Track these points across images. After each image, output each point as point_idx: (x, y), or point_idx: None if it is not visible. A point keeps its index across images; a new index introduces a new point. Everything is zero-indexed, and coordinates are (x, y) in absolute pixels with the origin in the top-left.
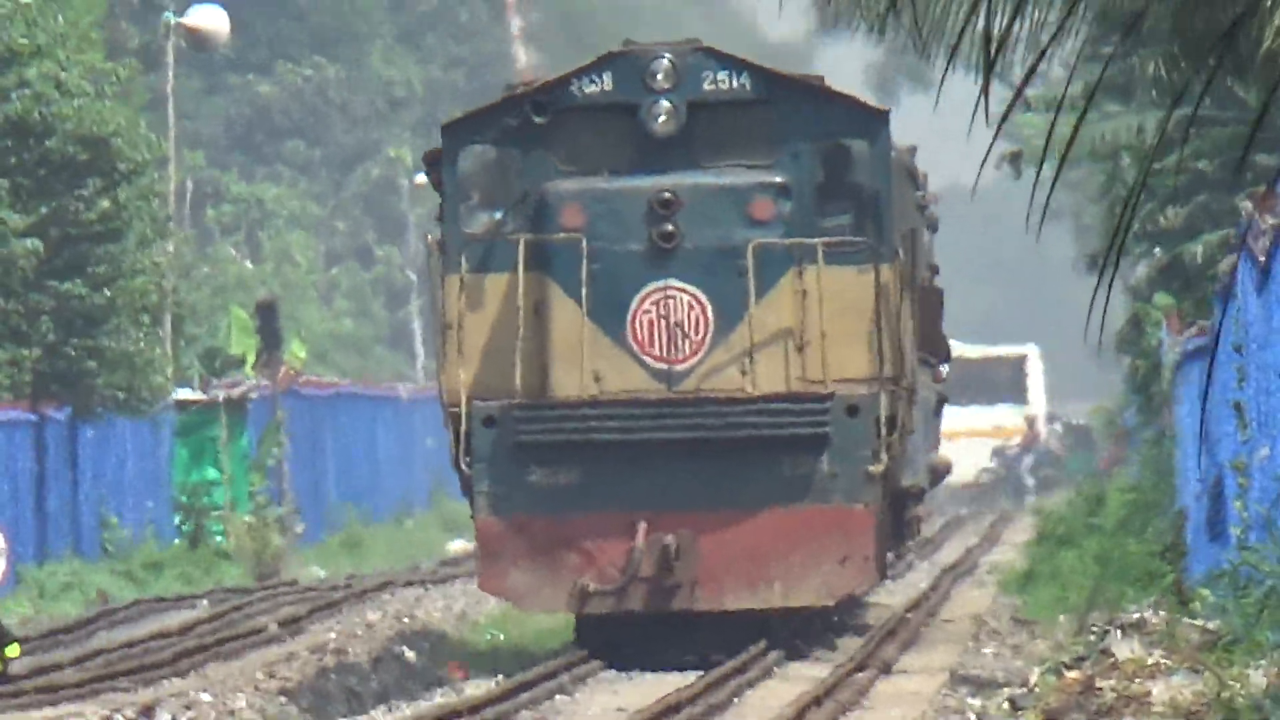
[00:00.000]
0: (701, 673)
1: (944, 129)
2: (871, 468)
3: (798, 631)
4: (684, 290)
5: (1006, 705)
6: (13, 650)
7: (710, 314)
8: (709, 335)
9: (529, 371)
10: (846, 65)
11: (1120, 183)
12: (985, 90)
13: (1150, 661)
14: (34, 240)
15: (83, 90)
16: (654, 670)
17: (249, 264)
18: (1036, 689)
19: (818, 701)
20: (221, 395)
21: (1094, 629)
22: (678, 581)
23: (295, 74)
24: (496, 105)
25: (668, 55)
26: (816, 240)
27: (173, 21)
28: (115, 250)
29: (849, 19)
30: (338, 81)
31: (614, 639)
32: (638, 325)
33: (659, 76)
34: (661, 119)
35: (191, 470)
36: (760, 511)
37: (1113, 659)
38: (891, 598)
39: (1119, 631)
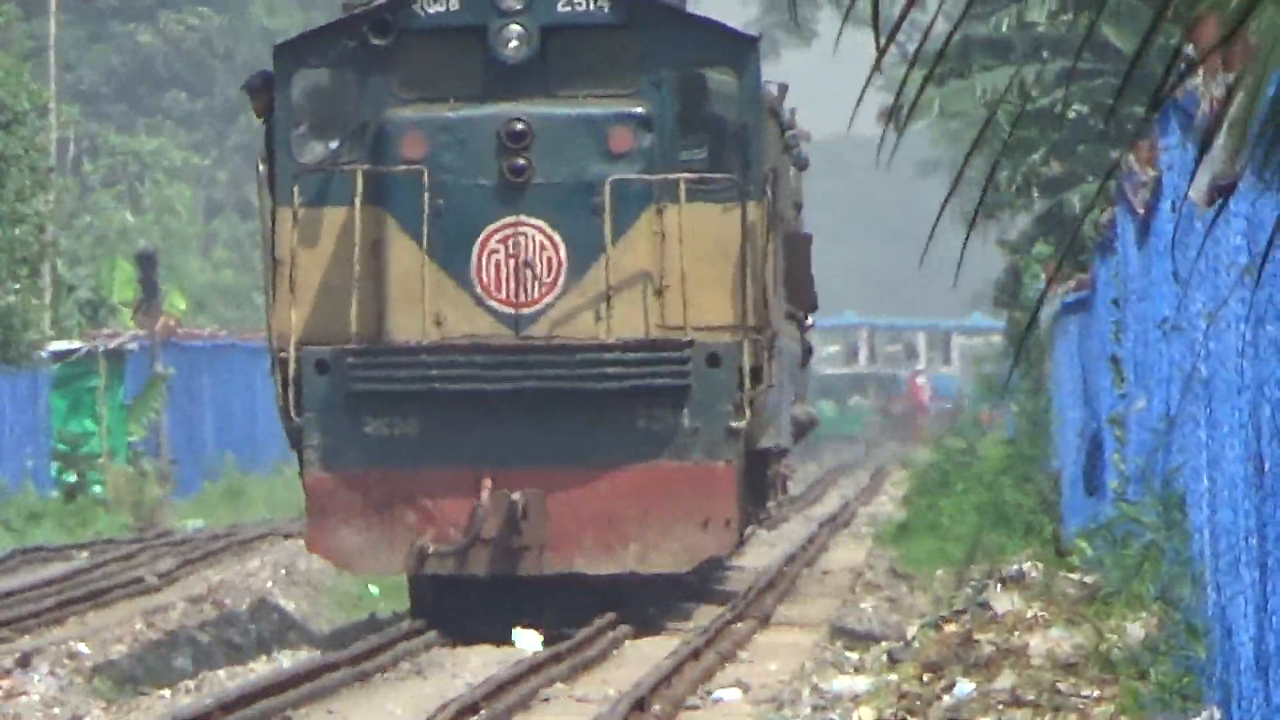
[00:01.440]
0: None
1: (828, 84)
2: (734, 423)
3: (652, 599)
4: (534, 227)
5: (885, 658)
6: None
7: (563, 254)
8: (561, 277)
9: (365, 314)
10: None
11: (997, 137)
12: (880, 43)
13: (1029, 615)
14: None
15: None
16: (495, 640)
17: (129, 215)
18: (915, 642)
19: (695, 655)
20: (101, 346)
21: (972, 582)
22: (525, 543)
23: (179, 23)
24: (333, 25)
25: None
26: (679, 176)
27: None
28: None
29: None
30: (221, 31)
31: (453, 605)
32: (484, 265)
33: None
34: (513, 43)
35: (70, 420)
36: (615, 469)
37: (991, 612)
38: (773, 550)
39: (998, 585)
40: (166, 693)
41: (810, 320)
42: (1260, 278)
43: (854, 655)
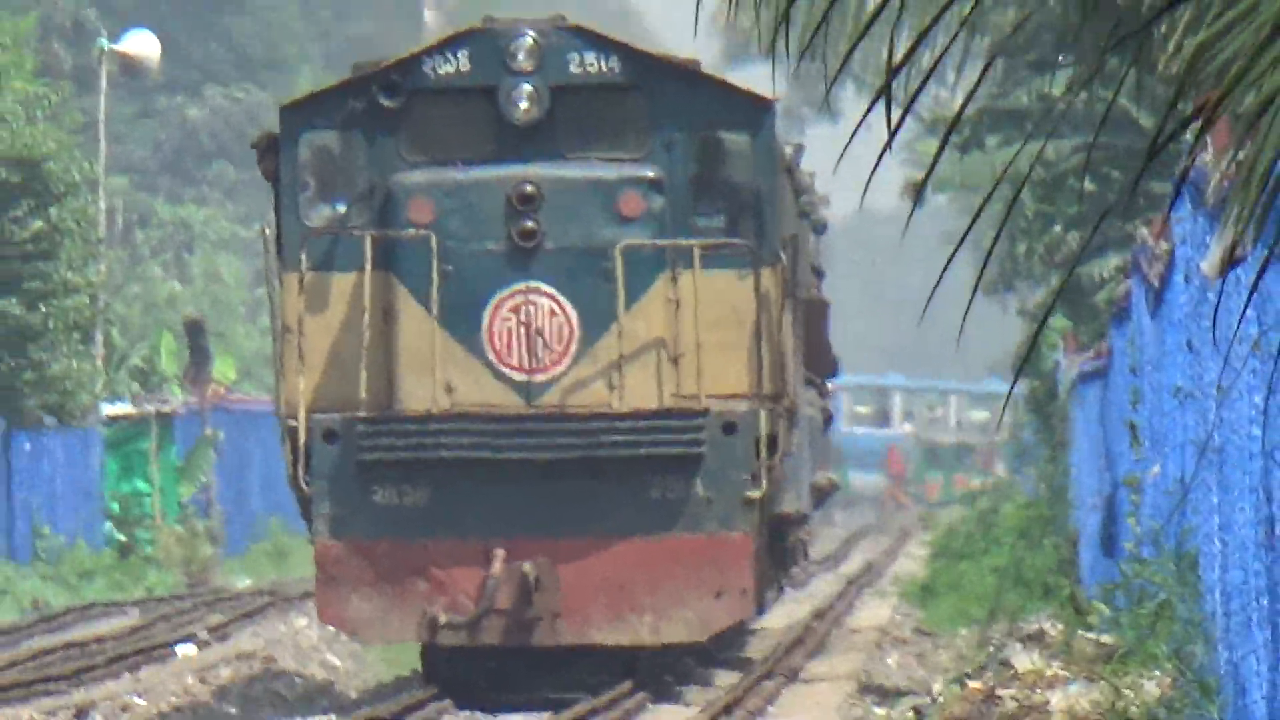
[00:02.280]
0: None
1: (853, 159)
2: (749, 492)
3: (669, 668)
4: (546, 294)
5: (911, 714)
6: None
7: (575, 321)
8: (573, 344)
9: (375, 382)
10: None
11: (1022, 215)
12: (891, 119)
13: (1049, 672)
14: None
15: (15, 114)
16: (510, 710)
17: (177, 284)
18: (940, 698)
19: (728, 709)
20: (152, 410)
21: (994, 640)
22: (538, 614)
23: (225, 96)
24: (341, 86)
25: (530, 33)
26: (692, 242)
27: (106, 48)
28: (48, 269)
29: (754, 48)
30: (265, 104)
31: (466, 674)
32: (494, 332)
33: (520, 56)
34: (522, 104)
35: (122, 481)
36: (628, 539)
37: (1013, 670)
38: (800, 607)
39: (1019, 643)
40: None
41: (830, 386)
42: (1273, 347)
43: (881, 711)
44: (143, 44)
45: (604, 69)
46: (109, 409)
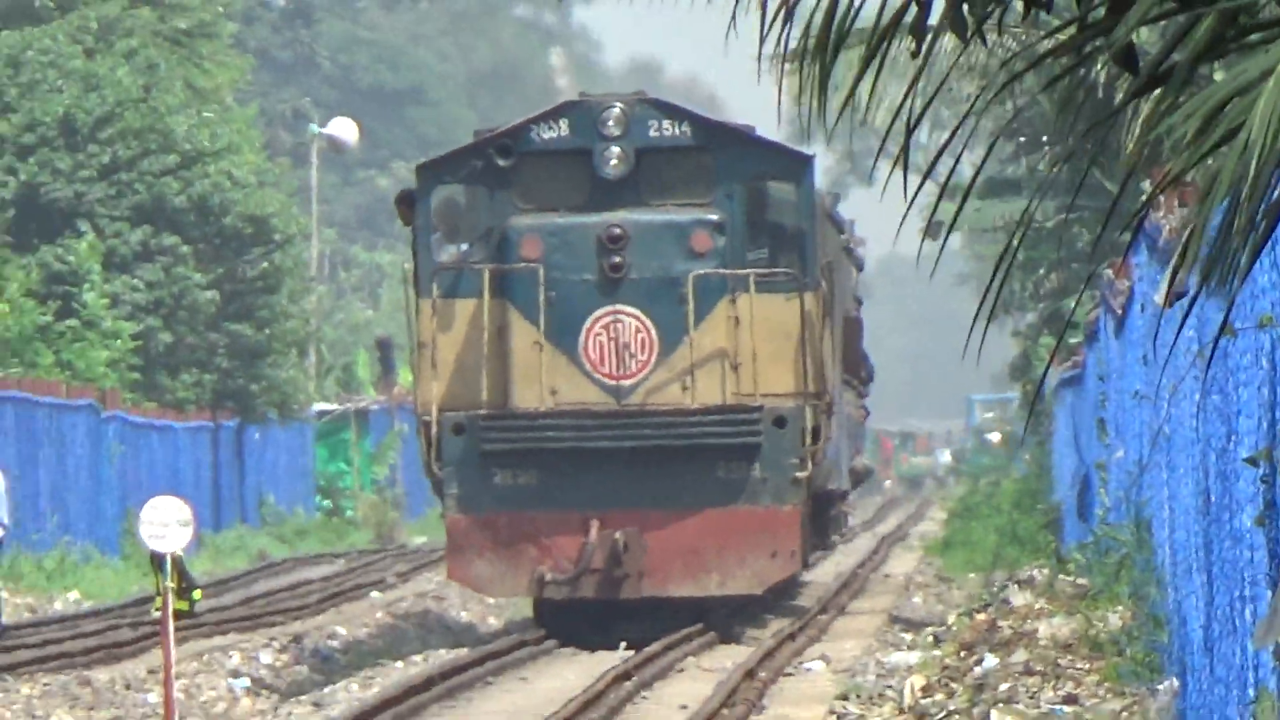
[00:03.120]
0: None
1: (884, 213)
2: (798, 473)
3: (733, 617)
4: (631, 315)
5: (931, 638)
6: (197, 595)
7: (654, 336)
8: (653, 355)
9: (493, 386)
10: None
11: (1013, 255)
12: (911, 187)
13: (1037, 607)
14: (213, 292)
15: (249, 181)
16: (604, 649)
17: (371, 312)
18: (953, 627)
19: (792, 636)
20: (352, 409)
21: (995, 583)
22: (626, 572)
23: (408, 169)
24: (465, 149)
25: (618, 105)
26: (749, 271)
27: (316, 131)
28: (272, 301)
29: (812, 133)
30: None
31: (569, 622)
32: (590, 346)
33: (610, 124)
34: (612, 162)
35: (329, 463)
36: (699, 511)
37: (1010, 605)
38: (846, 559)
39: (1015, 585)
40: (400, 664)
41: (867, 390)
42: (1210, 360)
43: (908, 637)
44: (345, 128)
45: (677, 133)
46: (319, 408)
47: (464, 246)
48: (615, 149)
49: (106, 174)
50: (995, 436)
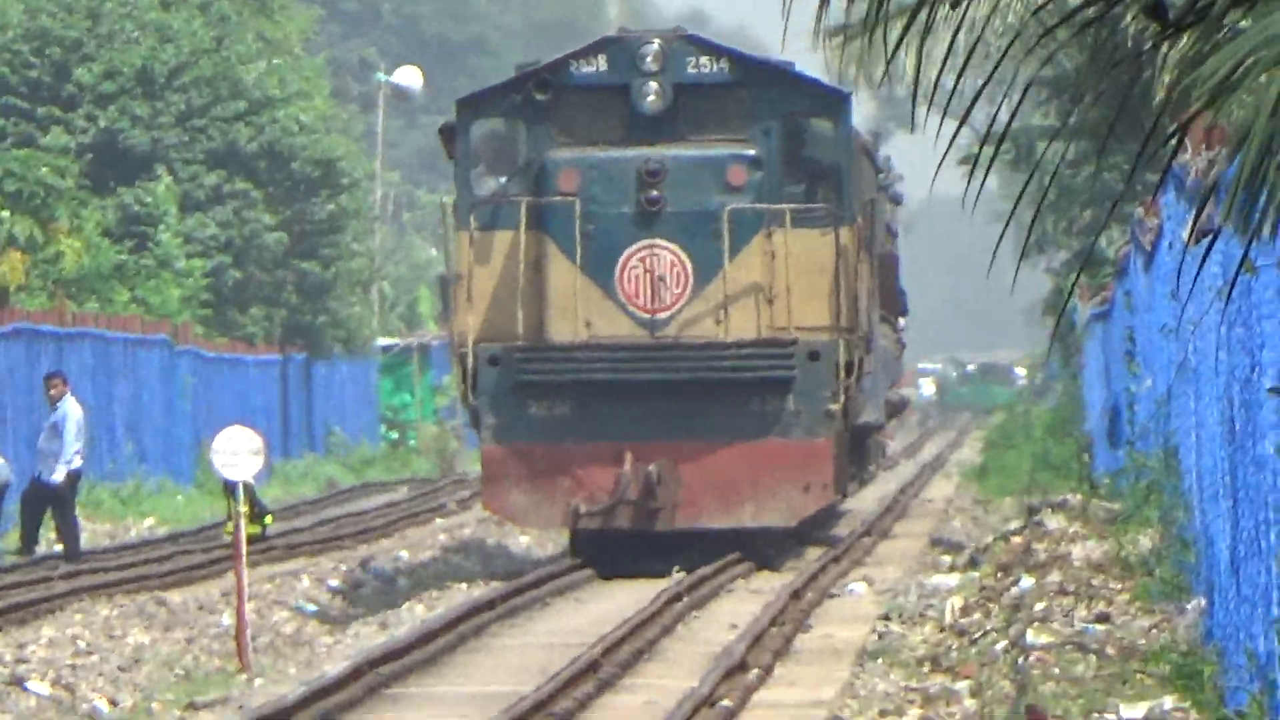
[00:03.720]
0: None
1: (923, 157)
2: (831, 406)
3: (769, 546)
4: (667, 248)
5: (969, 561)
6: (268, 521)
7: (689, 270)
8: (688, 288)
9: (529, 318)
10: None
11: (1046, 194)
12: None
13: (1071, 530)
14: (281, 233)
15: (317, 127)
16: (638, 578)
17: (433, 250)
18: (991, 550)
19: (836, 560)
20: (415, 343)
21: (1031, 507)
22: (660, 504)
23: None
24: (504, 83)
25: (657, 41)
26: (784, 206)
27: (382, 80)
28: (338, 240)
29: (853, 80)
30: None
31: (603, 553)
32: (625, 279)
33: (648, 60)
34: (650, 98)
35: (393, 395)
36: (733, 444)
37: (1044, 529)
38: (888, 485)
39: (1049, 510)
40: (464, 586)
41: (903, 322)
42: (1230, 296)
43: (947, 559)
44: (409, 76)
45: (715, 69)
46: (383, 342)
47: (503, 180)
48: (653, 84)
49: (182, 120)
50: (1021, 371)
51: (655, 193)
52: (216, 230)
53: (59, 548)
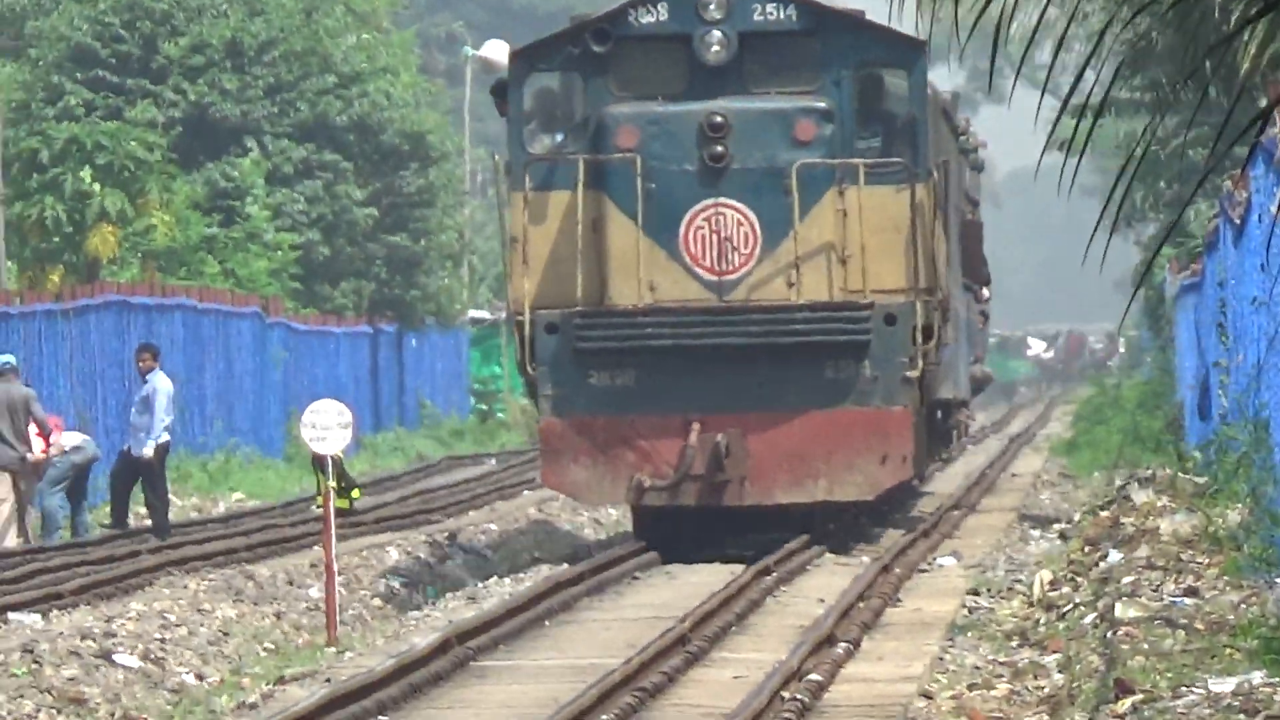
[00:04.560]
0: (745, 567)
1: (1014, 130)
2: (909, 373)
3: (842, 527)
4: (733, 207)
5: (1058, 535)
6: (356, 494)
7: (758, 229)
8: (757, 249)
9: (588, 282)
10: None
11: (1132, 175)
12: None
13: (1159, 504)
14: (371, 208)
15: (405, 100)
16: (706, 562)
17: None
18: (1079, 524)
19: (925, 534)
20: (504, 315)
21: (1119, 481)
22: (728, 478)
23: None
24: (560, 34)
25: None
26: (857, 161)
27: (470, 54)
28: (428, 214)
29: (943, 53)
30: None
31: (668, 531)
32: (690, 239)
33: (711, 8)
34: (714, 48)
35: (482, 368)
36: (805, 413)
37: (1132, 503)
38: (975, 459)
39: (1137, 483)
40: (550, 563)
41: (987, 293)
42: None
43: (1036, 533)
44: (497, 50)
45: (782, 17)
46: (473, 315)
47: (559, 137)
48: (717, 34)
49: (271, 94)
50: (1041, 343)
51: (720, 148)
52: (305, 206)
53: (148, 522)
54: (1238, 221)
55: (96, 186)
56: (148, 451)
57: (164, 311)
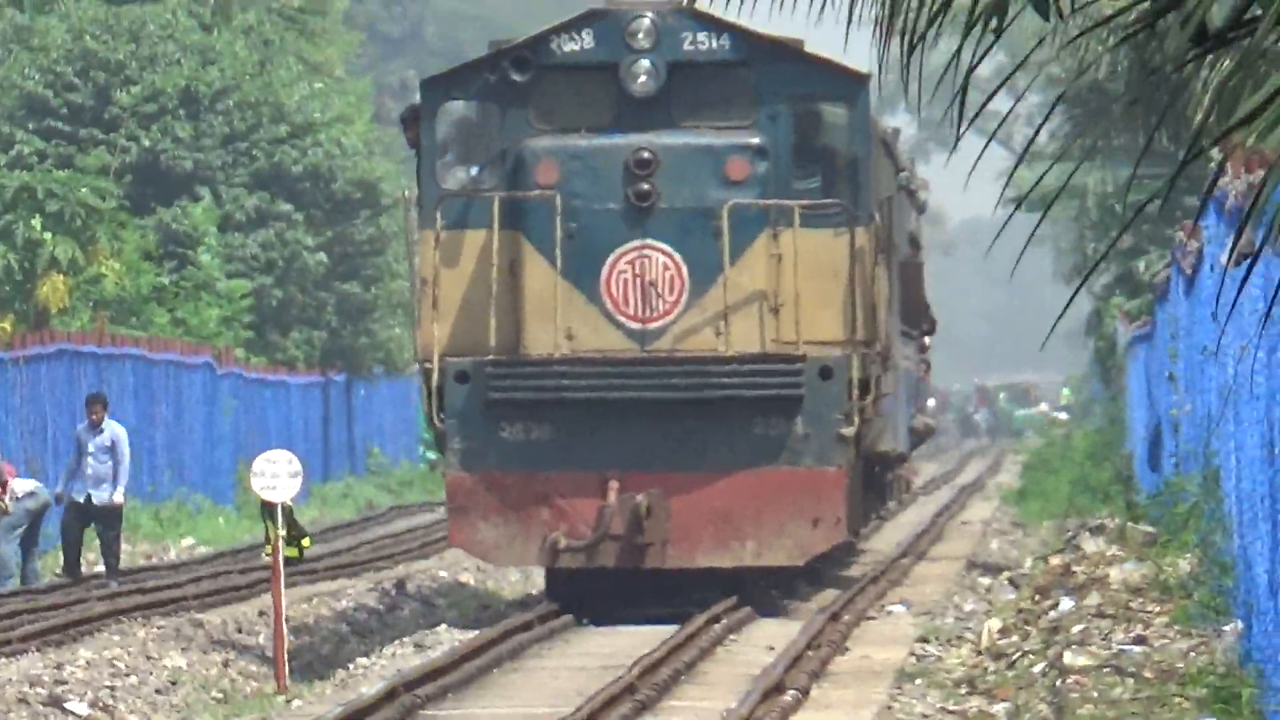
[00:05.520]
0: (677, 626)
1: (965, 182)
2: (844, 430)
3: (772, 588)
4: (659, 250)
5: (1008, 582)
6: (307, 543)
7: (685, 274)
8: (683, 295)
9: (503, 329)
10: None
11: (1085, 216)
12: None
13: (1109, 553)
14: (322, 254)
15: (358, 149)
16: (624, 624)
17: None
18: (1029, 571)
19: (874, 580)
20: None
21: (1069, 530)
22: (649, 540)
23: None
24: (477, 62)
25: (649, 14)
26: (792, 202)
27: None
28: (379, 262)
29: (895, 101)
30: None
31: (584, 594)
32: (612, 284)
33: (639, 36)
34: (641, 78)
35: None
36: (732, 472)
37: (1083, 551)
38: (924, 508)
39: (1087, 532)
40: (500, 606)
41: (929, 341)
42: (1270, 318)
43: (985, 581)
44: None
45: (714, 45)
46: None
47: (474, 171)
48: (644, 63)
49: (225, 143)
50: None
51: (646, 186)
52: (257, 250)
53: (100, 567)
54: (1189, 272)
55: (47, 235)
56: (119, 498)
57: (114, 361)
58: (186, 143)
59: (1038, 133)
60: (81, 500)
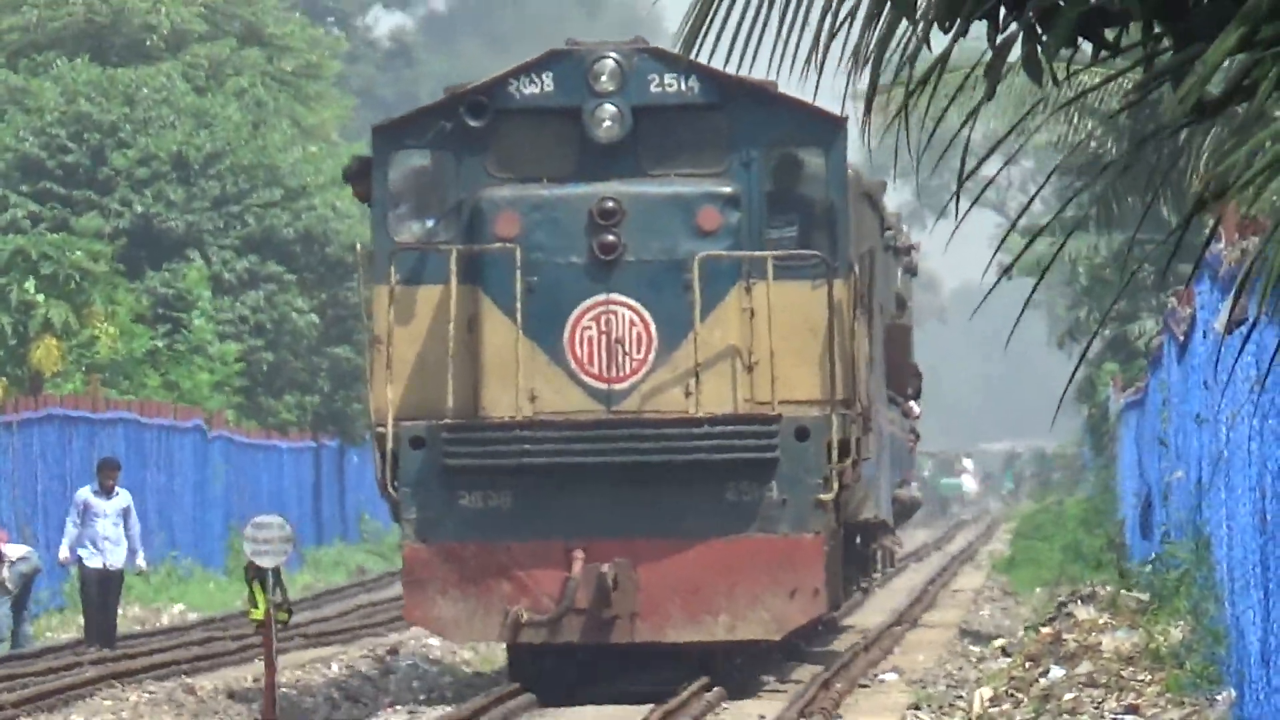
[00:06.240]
0: (651, 705)
1: (962, 251)
2: (822, 495)
3: (748, 664)
4: (625, 305)
5: (999, 651)
6: (284, 617)
7: (653, 330)
8: (651, 353)
9: (460, 390)
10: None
11: (1076, 281)
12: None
13: (1101, 621)
14: (314, 316)
15: (351, 213)
16: (591, 703)
17: None
18: (1021, 639)
19: (866, 648)
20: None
21: (1060, 598)
22: (616, 613)
23: None
24: (431, 108)
25: (613, 56)
26: (766, 254)
27: None
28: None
29: (889, 167)
30: None
31: (548, 671)
32: (576, 342)
33: (603, 78)
34: (606, 124)
35: None
36: (704, 540)
37: (1074, 619)
38: (916, 576)
39: (1079, 600)
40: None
41: (916, 408)
42: (1264, 386)
43: (977, 649)
44: None
45: (683, 88)
46: None
47: (429, 223)
48: (609, 108)
49: (218, 206)
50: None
51: (611, 238)
52: (248, 313)
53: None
54: (1181, 338)
55: (41, 298)
56: (142, 563)
57: (106, 425)
58: (179, 206)
59: (1031, 201)
60: (99, 566)
